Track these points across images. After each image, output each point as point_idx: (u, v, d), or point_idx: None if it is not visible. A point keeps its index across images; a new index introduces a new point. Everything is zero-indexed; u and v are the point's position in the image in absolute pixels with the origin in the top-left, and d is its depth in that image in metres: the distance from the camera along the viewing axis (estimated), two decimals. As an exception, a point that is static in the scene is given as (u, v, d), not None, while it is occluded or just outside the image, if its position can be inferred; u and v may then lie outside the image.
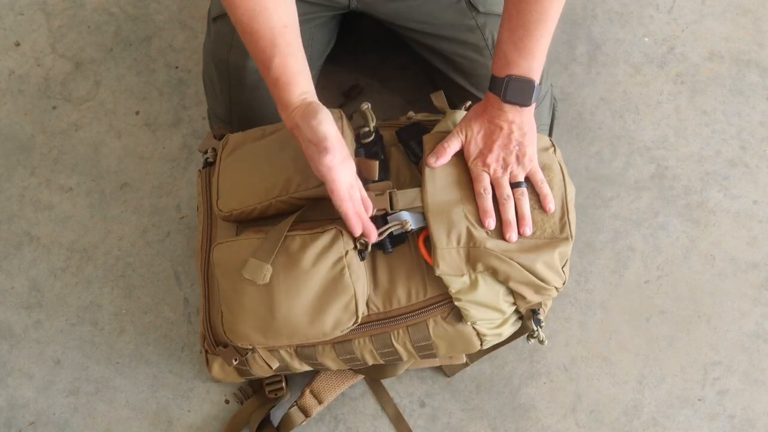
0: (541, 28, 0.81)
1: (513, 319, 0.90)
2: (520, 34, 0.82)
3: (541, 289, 0.84)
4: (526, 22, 0.81)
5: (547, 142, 0.91)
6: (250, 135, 0.94)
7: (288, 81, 0.80)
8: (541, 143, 0.89)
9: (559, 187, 0.86)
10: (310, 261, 0.80)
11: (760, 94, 1.19)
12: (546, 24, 0.81)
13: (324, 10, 1.01)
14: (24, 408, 1.07)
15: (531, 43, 0.82)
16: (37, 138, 1.23)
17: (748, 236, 1.11)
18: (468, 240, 0.82)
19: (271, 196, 0.87)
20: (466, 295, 0.83)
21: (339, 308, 0.82)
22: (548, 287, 0.83)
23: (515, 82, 0.82)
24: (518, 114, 0.84)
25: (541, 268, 0.82)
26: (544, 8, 0.80)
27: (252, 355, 0.89)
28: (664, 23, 1.25)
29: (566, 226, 0.84)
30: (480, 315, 0.85)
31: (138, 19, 1.30)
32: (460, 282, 0.83)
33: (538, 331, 0.90)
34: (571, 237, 0.84)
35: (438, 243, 0.82)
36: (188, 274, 1.13)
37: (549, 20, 0.81)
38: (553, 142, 0.91)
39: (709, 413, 1.03)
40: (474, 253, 0.82)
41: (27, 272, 1.14)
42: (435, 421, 1.04)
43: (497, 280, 0.83)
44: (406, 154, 0.89)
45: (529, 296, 0.84)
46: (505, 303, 0.86)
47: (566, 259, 0.84)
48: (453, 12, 0.99)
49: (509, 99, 0.82)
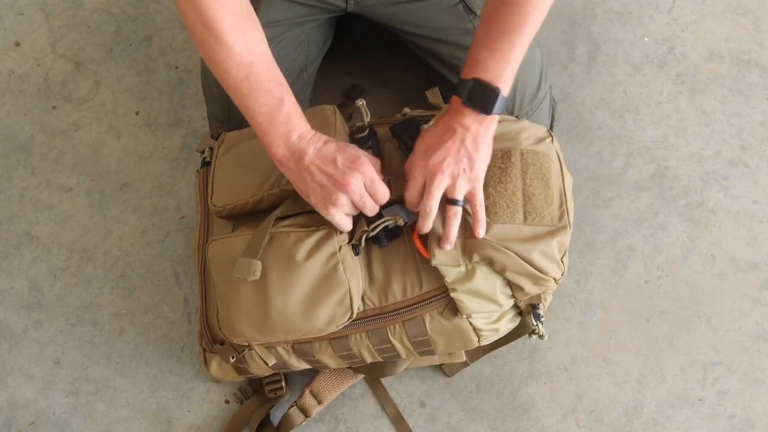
0: (519, 33, 0.78)
1: (511, 314, 0.90)
2: (495, 35, 0.79)
3: (539, 280, 0.83)
4: (503, 24, 0.78)
5: (543, 132, 0.90)
6: (246, 133, 0.95)
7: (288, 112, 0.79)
8: (538, 132, 0.88)
9: (557, 177, 0.86)
10: (303, 256, 0.81)
11: (760, 94, 1.19)
12: (524, 30, 0.78)
13: (320, 12, 1.01)
14: (24, 408, 1.07)
15: (505, 47, 0.79)
16: (37, 138, 1.23)
17: (748, 236, 1.11)
18: (464, 230, 0.81)
19: (264, 189, 0.87)
20: (461, 284, 0.83)
21: (334, 303, 0.82)
22: (546, 278, 0.83)
23: (480, 86, 0.78)
24: (476, 122, 0.79)
25: (537, 257, 0.81)
26: (525, 13, 0.78)
27: (249, 352, 0.89)
28: (664, 23, 1.25)
29: (564, 214, 0.83)
30: (475, 307, 0.84)
31: (138, 19, 1.30)
32: (455, 272, 0.82)
33: (538, 326, 0.90)
34: (569, 226, 0.83)
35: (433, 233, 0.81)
36: (188, 274, 1.13)
37: (528, 26, 0.79)
38: (550, 132, 0.91)
39: (709, 413, 1.03)
40: (470, 243, 0.81)
41: (27, 272, 1.14)
42: (435, 421, 1.04)
43: (494, 271, 0.83)
44: (400, 148, 0.90)
45: (527, 287, 0.84)
46: (503, 295, 0.85)
47: (565, 249, 0.83)
48: (450, 15, 0.99)
49: (470, 102, 0.78)
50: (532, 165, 0.86)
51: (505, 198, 0.83)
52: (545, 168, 0.85)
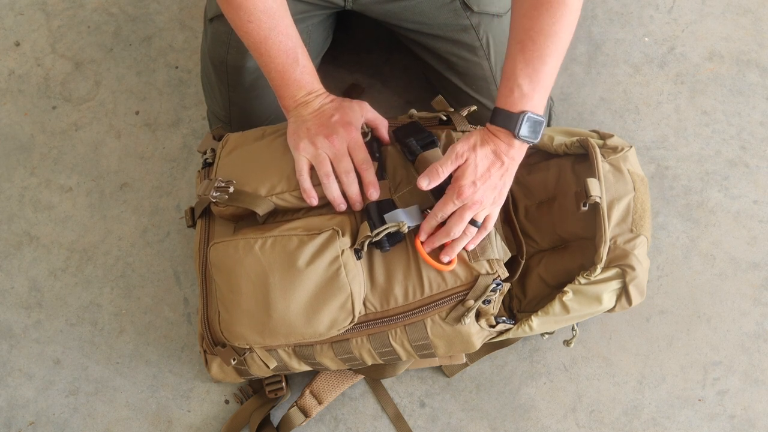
0: (555, 59, 0.79)
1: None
2: (535, 66, 0.79)
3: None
4: (542, 54, 0.79)
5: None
6: (251, 135, 0.95)
7: (295, 54, 0.85)
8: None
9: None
10: (305, 260, 0.81)
11: (760, 94, 1.19)
12: (560, 55, 0.80)
13: (319, 9, 1.02)
14: (24, 408, 1.07)
15: (544, 77, 0.80)
16: (37, 138, 1.23)
17: (748, 236, 1.11)
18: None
19: (272, 192, 0.87)
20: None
21: (335, 307, 0.82)
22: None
23: (531, 119, 0.80)
24: (519, 152, 0.82)
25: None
26: (559, 39, 0.78)
27: (250, 355, 0.89)
28: (664, 23, 1.25)
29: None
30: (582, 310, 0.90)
31: (138, 19, 1.30)
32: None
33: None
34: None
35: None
36: (188, 274, 1.13)
37: (562, 51, 0.80)
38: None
39: (710, 413, 1.03)
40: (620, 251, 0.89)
41: (27, 272, 1.14)
42: (435, 421, 1.04)
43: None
44: (403, 152, 0.90)
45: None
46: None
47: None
48: (447, 12, 0.99)
49: (522, 136, 0.80)
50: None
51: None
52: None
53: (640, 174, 0.94)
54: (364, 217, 0.85)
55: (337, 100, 0.88)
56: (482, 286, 0.83)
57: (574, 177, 0.95)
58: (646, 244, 0.89)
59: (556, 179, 0.97)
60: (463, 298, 0.84)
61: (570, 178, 0.95)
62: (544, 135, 0.98)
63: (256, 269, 0.82)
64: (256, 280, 0.82)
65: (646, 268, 0.89)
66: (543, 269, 0.96)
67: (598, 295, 0.88)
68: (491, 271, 0.84)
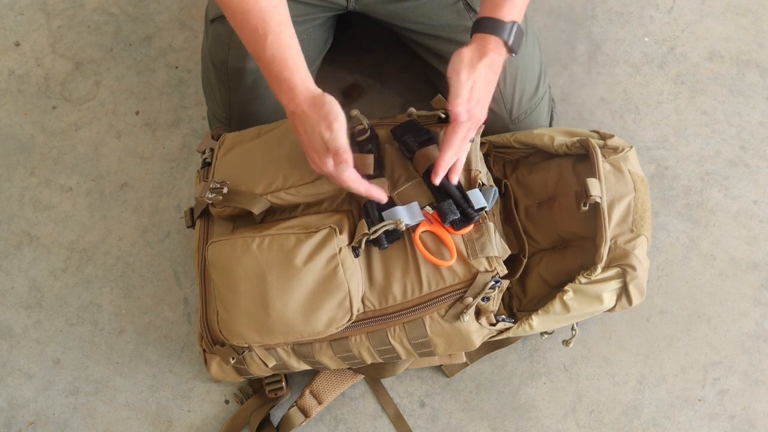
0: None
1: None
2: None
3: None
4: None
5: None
6: (247, 134, 0.95)
7: (285, 57, 0.81)
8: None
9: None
10: (303, 258, 0.81)
11: (760, 94, 1.19)
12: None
13: (321, 11, 1.01)
14: (24, 408, 1.07)
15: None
16: (37, 138, 1.23)
17: (748, 236, 1.11)
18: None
19: (267, 191, 0.87)
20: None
21: (333, 305, 0.82)
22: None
23: (519, 30, 0.82)
24: (502, 63, 0.83)
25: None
26: None
27: (249, 354, 0.89)
28: (664, 23, 1.25)
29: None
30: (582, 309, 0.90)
31: (138, 19, 1.30)
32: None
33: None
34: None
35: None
36: (188, 274, 1.13)
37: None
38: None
39: (710, 413, 1.03)
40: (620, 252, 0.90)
41: (27, 272, 1.14)
42: (435, 421, 1.04)
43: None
44: (401, 150, 0.90)
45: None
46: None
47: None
48: (450, 13, 0.99)
49: (514, 47, 0.82)
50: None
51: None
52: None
53: (641, 174, 0.94)
54: (362, 214, 0.85)
55: (321, 95, 0.87)
56: (481, 284, 0.83)
57: (575, 177, 0.95)
58: (647, 244, 0.89)
59: (557, 179, 0.97)
60: (461, 295, 0.84)
61: (570, 178, 0.95)
62: (545, 135, 0.98)
63: (253, 268, 0.82)
64: (254, 279, 0.82)
65: (646, 268, 0.89)
66: (543, 268, 0.97)
67: (599, 295, 0.88)
68: (490, 268, 0.84)
